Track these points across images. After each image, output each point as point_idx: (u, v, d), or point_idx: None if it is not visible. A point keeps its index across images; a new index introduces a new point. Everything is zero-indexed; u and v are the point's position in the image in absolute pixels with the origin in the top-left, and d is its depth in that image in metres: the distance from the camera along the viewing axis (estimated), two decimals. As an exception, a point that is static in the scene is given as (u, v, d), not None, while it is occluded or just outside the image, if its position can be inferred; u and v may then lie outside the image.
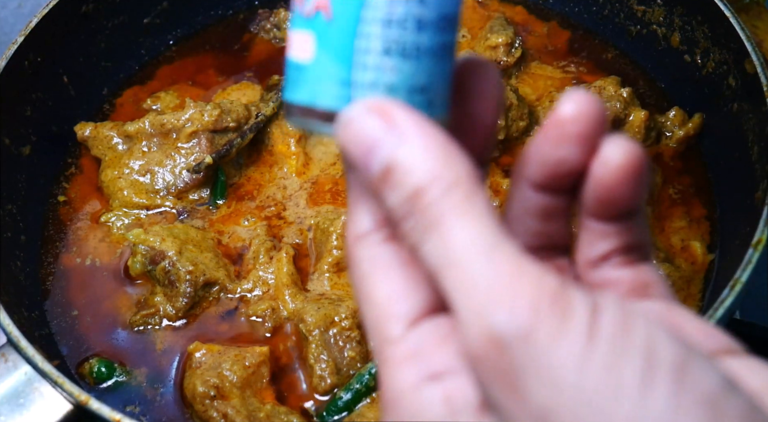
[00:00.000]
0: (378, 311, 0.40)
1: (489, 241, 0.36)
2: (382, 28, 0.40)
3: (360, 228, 0.42)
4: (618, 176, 0.39)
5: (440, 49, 0.41)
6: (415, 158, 0.37)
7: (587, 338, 0.34)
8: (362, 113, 0.39)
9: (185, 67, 1.08)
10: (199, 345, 0.83)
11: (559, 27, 1.10)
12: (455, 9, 0.41)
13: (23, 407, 0.75)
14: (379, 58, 0.40)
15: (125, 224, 0.93)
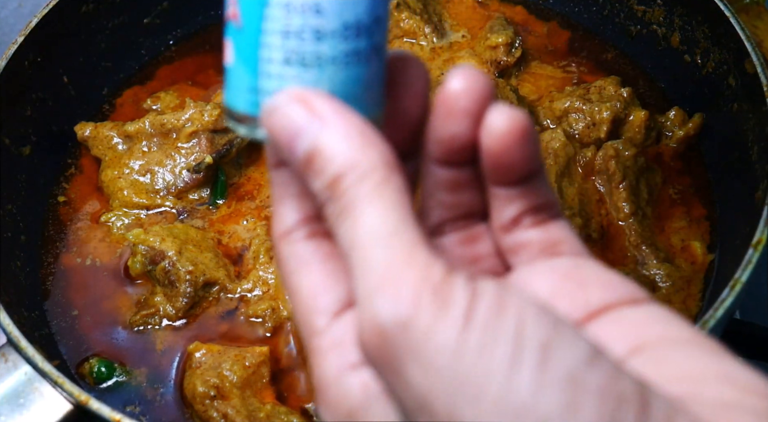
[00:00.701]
0: (304, 305, 0.42)
1: (390, 227, 0.37)
2: (282, 38, 0.41)
3: (284, 225, 0.43)
4: (504, 143, 0.41)
5: (347, 56, 0.41)
6: (335, 145, 0.39)
7: (462, 324, 0.35)
8: (286, 101, 0.40)
9: (185, 67, 1.08)
10: (199, 345, 0.83)
11: (559, 27, 1.10)
12: (363, 17, 0.41)
13: (23, 407, 0.75)
14: (281, 67, 0.41)
15: (125, 224, 0.93)
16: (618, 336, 0.39)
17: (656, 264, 0.87)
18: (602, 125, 0.95)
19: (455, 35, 1.09)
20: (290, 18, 0.40)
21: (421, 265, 0.36)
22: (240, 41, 0.42)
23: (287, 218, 0.43)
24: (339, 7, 0.41)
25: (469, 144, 0.42)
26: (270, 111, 0.41)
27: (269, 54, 0.41)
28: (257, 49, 0.41)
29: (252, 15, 0.41)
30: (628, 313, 0.40)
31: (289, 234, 0.43)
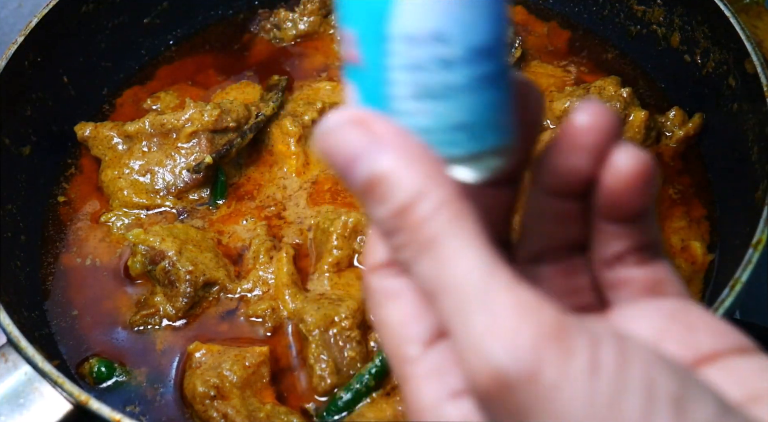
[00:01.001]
0: (394, 335, 0.40)
1: (484, 268, 0.36)
2: (407, 73, 0.39)
3: (375, 259, 0.42)
4: (627, 184, 0.40)
5: (477, 81, 0.39)
6: (401, 171, 0.37)
7: (590, 375, 0.34)
8: (342, 123, 0.38)
9: (185, 67, 1.08)
10: (199, 345, 0.83)
11: (559, 27, 1.10)
12: (489, 37, 0.39)
13: (23, 407, 0.75)
14: (410, 103, 0.39)
15: (125, 224, 0.93)
16: (731, 386, 0.38)
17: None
18: (602, 125, 0.94)
19: (455, 35, 1.09)
20: (414, 50, 0.38)
21: (532, 308, 0.35)
22: (363, 82, 0.40)
23: (380, 250, 0.42)
24: (462, 32, 0.39)
25: (586, 179, 0.41)
26: (325, 132, 0.39)
27: (396, 91, 0.39)
28: (383, 87, 0.39)
29: (373, 53, 0.39)
30: (739, 362, 0.39)
31: (379, 269, 0.42)
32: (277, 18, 1.10)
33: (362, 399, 0.80)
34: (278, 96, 1.00)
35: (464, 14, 0.39)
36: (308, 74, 1.06)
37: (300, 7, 1.09)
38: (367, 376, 0.80)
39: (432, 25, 0.38)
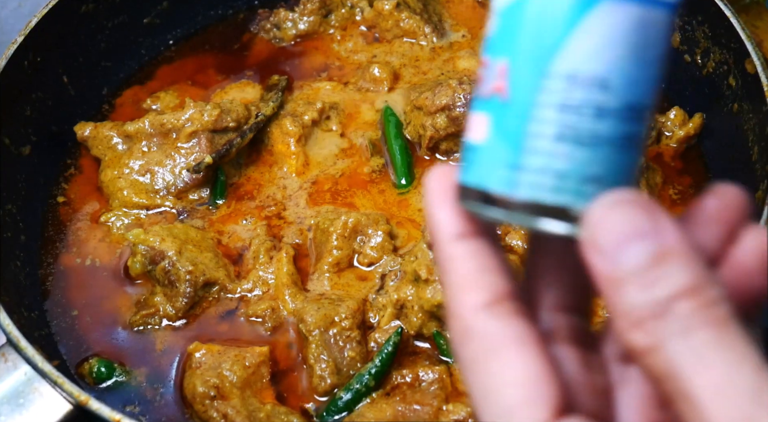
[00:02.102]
0: (515, 391, 0.37)
1: (753, 379, 0.35)
2: (557, 113, 0.38)
3: (478, 300, 0.39)
4: (758, 264, 0.39)
5: (622, 139, 0.38)
6: (679, 262, 0.36)
7: None
8: (627, 201, 0.37)
9: (185, 67, 1.08)
10: (199, 345, 0.83)
11: (559, 27, 1.09)
12: (646, 99, 0.39)
13: (23, 407, 0.75)
14: (551, 143, 0.38)
15: (125, 224, 0.93)
16: None
17: None
18: (602, 125, 0.94)
19: (455, 35, 1.09)
20: (572, 91, 0.38)
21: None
22: (502, 115, 0.39)
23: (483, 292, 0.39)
24: (628, 86, 0.38)
25: (715, 258, 0.40)
26: (608, 204, 0.37)
27: (539, 129, 0.38)
28: (525, 123, 0.38)
29: (526, 87, 0.38)
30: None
31: (492, 306, 0.39)
32: (277, 18, 1.10)
33: (362, 399, 0.80)
34: (278, 96, 1.00)
35: (632, 68, 0.38)
36: (308, 74, 1.06)
37: (300, 7, 1.09)
38: (367, 376, 0.80)
39: (600, 70, 0.38)
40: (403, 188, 0.95)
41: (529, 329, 0.38)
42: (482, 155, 0.40)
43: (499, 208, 0.39)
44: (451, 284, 0.40)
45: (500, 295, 0.39)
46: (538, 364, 0.38)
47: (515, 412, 0.37)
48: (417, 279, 0.81)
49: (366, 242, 0.88)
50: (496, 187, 0.39)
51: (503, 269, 0.40)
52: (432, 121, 0.93)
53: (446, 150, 0.96)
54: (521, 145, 0.38)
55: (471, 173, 0.40)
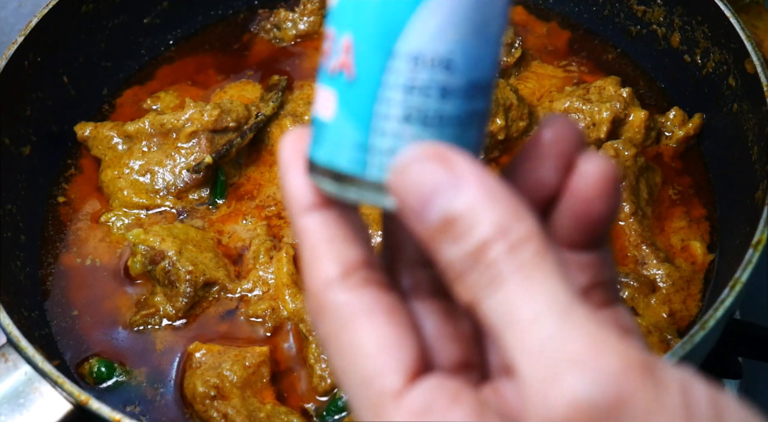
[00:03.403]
0: (369, 361, 0.37)
1: (561, 303, 0.34)
2: (404, 94, 0.38)
3: (329, 272, 0.39)
4: (595, 188, 0.39)
5: (467, 117, 0.39)
6: (481, 209, 0.36)
7: (685, 415, 0.33)
8: (420, 158, 0.37)
9: (185, 67, 1.08)
10: (199, 345, 0.83)
11: (559, 27, 1.10)
12: (488, 75, 0.39)
13: (23, 407, 0.75)
14: (399, 124, 0.38)
15: (125, 224, 0.93)
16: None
17: (656, 264, 0.87)
18: (602, 125, 0.94)
19: (455, 35, 1.09)
20: (417, 72, 0.37)
21: (617, 344, 0.34)
22: (349, 94, 0.39)
23: (330, 266, 0.39)
24: (470, 64, 0.38)
25: (552, 192, 0.40)
26: (401, 168, 0.37)
27: (387, 110, 0.38)
28: (372, 103, 0.38)
29: (371, 66, 0.38)
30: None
31: (340, 281, 0.38)
32: (277, 18, 1.10)
33: (362, 399, 0.80)
34: (278, 96, 1.00)
35: (474, 47, 0.38)
36: (308, 74, 1.06)
37: (300, 7, 1.09)
38: (367, 376, 0.80)
39: (443, 51, 0.37)
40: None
41: (380, 297, 0.38)
42: (330, 132, 0.40)
43: (348, 186, 0.39)
44: (304, 258, 0.40)
45: (351, 266, 0.39)
46: (388, 332, 0.37)
47: (370, 384, 0.37)
48: (417, 279, 0.81)
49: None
50: (345, 167, 0.39)
51: (358, 237, 0.40)
52: (432, 121, 0.93)
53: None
54: (369, 125, 0.38)
55: (320, 150, 0.40)
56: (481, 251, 0.35)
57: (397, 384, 0.37)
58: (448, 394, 0.37)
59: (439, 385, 0.37)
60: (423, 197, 0.36)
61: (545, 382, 0.34)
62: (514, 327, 0.34)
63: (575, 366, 0.33)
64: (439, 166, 0.37)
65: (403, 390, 0.37)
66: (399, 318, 0.38)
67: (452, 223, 0.36)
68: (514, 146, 0.97)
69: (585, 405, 0.33)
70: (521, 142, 0.96)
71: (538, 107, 0.99)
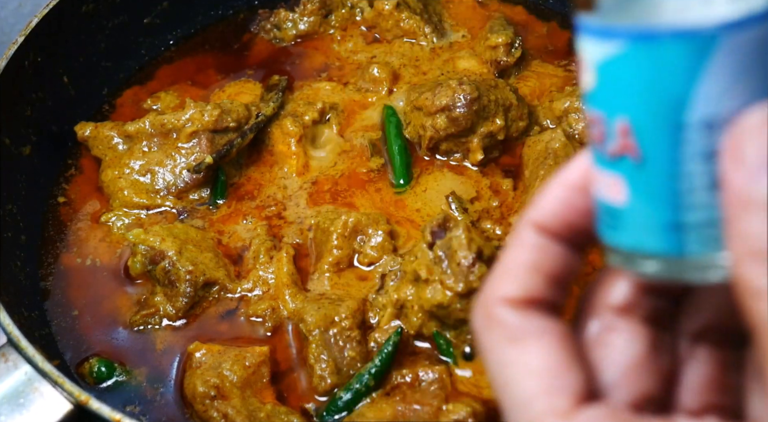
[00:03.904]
0: (534, 381, 0.37)
1: None
2: (704, 163, 0.35)
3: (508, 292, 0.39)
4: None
5: None
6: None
7: None
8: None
9: (185, 67, 1.08)
10: (199, 345, 0.83)
11: (559, 27, 1.10)
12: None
13: (23, 407, 0.75)
14: (707, 194, 0.36)
15: (125, 224, 0.93)
16: None
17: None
18: (602, 125, 0.94)
19: (455, 35, 1.09)
20: (713, 136, 0.35)
21: None
22: (641, 176, 0.37)
23: (517, 287, 0.39)
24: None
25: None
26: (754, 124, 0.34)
27: (690, 183, 0.36)
28: (672, 180, 0.36)
29: (660, 145, 0.36)
30: None
31: (515, 303, 0.39)
32: (277, 18, 1.10)
33: (362, 399, 0.80)
34: (278, 96, 1.00)
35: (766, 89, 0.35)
36: (308, 74, 1.06)
37: (300, 7, 1.09)
38: (367, 376, 0.80)
39: (736, 105, 0.35)
40: (400, 187, 0.95)
41: (553, 324, 0.38)
42: (630, 217, 0.38)
43: (665, 266, 0.37)
44: (500, 262, 0.40)
45: (532, 296, 0.39)
46: (557, 355, 0.37)
47: (532, 403, 0.37)
48: (417, 279, 0.81)
49: (366, 241, 0.88)
50: (659, 248, 0.37)
51: (554, 274, 0.39)
52: (432, 121, 0.93)
53: (446, 150, 0.96)
54: (674, 203, 0.36)
55: (620, 235, 0.38)
56: None
57: (564, 405, 0.36)
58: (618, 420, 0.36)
59: (611, 414, 0.36)
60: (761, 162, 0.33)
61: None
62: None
63: None
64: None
65: (570, 412, 0.36)
66: (568, 344, 0.38)
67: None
68: (514, 146, 0.97)
69: None
70: (521, 142, 0.96)
71: (538, 107, 0.99)
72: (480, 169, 0.96)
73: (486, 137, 0.94)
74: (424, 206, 0.93)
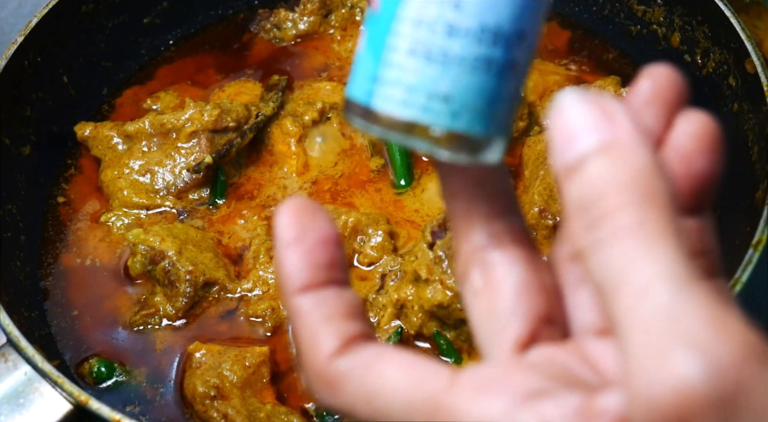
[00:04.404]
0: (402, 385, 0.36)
1: (681, 273, 0.31)
2: (412, 27, 0.39)
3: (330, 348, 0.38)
4: (697, 145, 0.37)
5: (476, 60, 0.38)
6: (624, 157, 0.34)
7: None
8: (581, 100, 0.36)
9: (185, 67, 1.08)
10: (199, 345, 0.83)
11: (559, 27, 1.10)
12: (504, 24, 0.38)
13: (23, 407, 0.75)
14: (404, 57, 0.39)
15: (125, 224, 0.93)
16: None
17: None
18: (602, 125, 0.94)
19: (455, 35, 1.09)
20: (427, 6, 0.38)
21: (733, 325, 0.30)
22: (373, 27, 0.40)
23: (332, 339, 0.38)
24: (480, 7, 0.38)
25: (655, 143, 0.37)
26: (560, 105, 0.37)
27: (396, 41, 0.39)
28: (386, 35, 0.39)
29: (390, 1, 0.39)
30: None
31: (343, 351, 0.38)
32: (277, 18, 1.10)
33: (362, 399, 0.80)
34: (278, 96, 1.00)
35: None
36: (308, 74, 1.06)
37: (300, 7, 1.09)
38: (367, 376, 0.80)
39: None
40: (402, 188, 0.95)
41: (381, 345, 0.38)
42: (357, 67, 0.41)
43: (357, 116, 0.41)
44: (301, 338, 0.39)
45: (350, 338, 0.38)
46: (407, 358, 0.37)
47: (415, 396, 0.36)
48: (417, 279, 0.81)
49: (366, 241, 0.88)
50: (356, 96, 0.41)
51: (353, 314, 0.39)
52: (432, 121, 0.93)
53: (446, 150, 0.95)
54: (381, 57, 0.39)
55: (349, 86, 0.41)
56: (601, 198, 0.33)
57: (442, 381, 0.36)
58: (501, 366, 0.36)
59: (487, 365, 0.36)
60: (567, 136, 0.35)
61: (652, 359, 0.30)
62: (625, 290, 0.32)
63: (689, 345, 0.30)
64: (597, 111, 0.35)
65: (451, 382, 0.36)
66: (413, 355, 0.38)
67: (583, 163, 0.34)
68: (514, 146, 0.97)
69: (696, 393, 0.29)
70: (521, 142, 0.96)
71: (539, 107, 0.99)
72: (480, 169, 0.95)
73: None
74: (422, 206, 0.93)
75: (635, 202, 0.33)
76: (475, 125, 0.39)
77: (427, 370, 0.36)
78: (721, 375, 0.29)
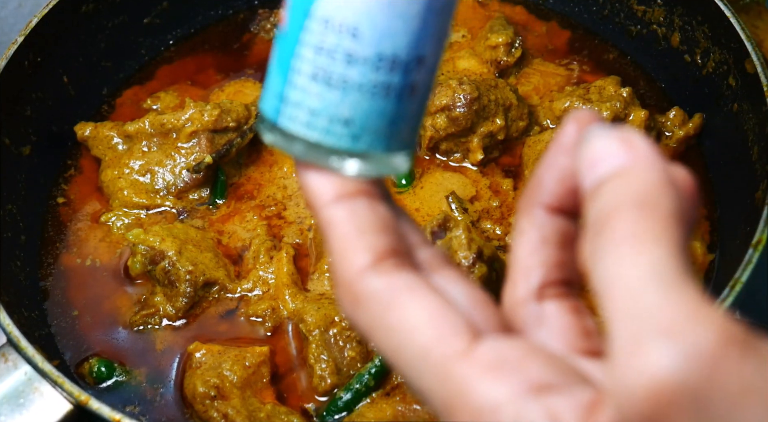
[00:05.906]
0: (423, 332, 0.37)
1: (668, 275, 0.32)
2: (314, 53, 0.40)
3: (361, 263, 0.39)
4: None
5: (375, 87, 0.40)
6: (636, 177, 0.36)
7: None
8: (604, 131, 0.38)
9: (185, 67, 1.08)
10: (199, 345, 0.83)
11: (559, 27, 1.10)
12: (401, 52, 0.40)
13: (23, 407, 0.75)
14: (306, 81, 0.40)
15: (125, 224, 0.93)
16: None
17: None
18: (602, 125, 0.94)
19: (455, 35, 1.09)
20: (326, 35, 0.40)
21: (713, 313, 0.31)
22: (280, 46, 0.41)
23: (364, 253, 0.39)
24: (377, 37, 0.39)
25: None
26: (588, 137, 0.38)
27: (299, 65, 0.40)
28: (290, 57, 0.41)
29: (295, 23, 0.40)
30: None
31: (373, 268, 0.38)
32: (277, 18, 1.10)
33: (362, 399, 0.80)
34: (278, 96, 1.00)
35: (384, 21, 0.39)
36: (308, 74, 1.06)
37: (300, 7, 1.09)
38: (367, 376, 0.80)
39: (350, 19, 0.39)
40: (402, 187, 0.95)
41: (415, 278, 0.38)
42: (267, 81, 0.42)
43: (265, 128, 0.42)
44: (333, 250, 0.40)
45: (382, 253, 0.39)
46: (435, 303, 0.37)
47: (430, 352, 0.37)
48: (417, 279, 0.81)
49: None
50: (265, 110, 0.42)
51: (386, 226, 0.40)
52: (432, 121, 0.93)
53: (446, 150, 0.96)
54: (286, 78, 0.41)
55: (261, 98, 0.43)
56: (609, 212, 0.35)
57: (461, 344, 0.36)
58: (521, 349, 0.37)
59: (507, 341, 0.37)
60: (594, 160, 0.37)
61: (631, 349, 0.31)
62: (615, 292, 0.33)
63: (666, 335, 0.30)
64: (621, 143, 0.37)
65: (469, 348, 0.36)
66: (439, 292, 0.38)
67: (608, 181, 0.36)
68: (514, 146, 0.97)
69: (670, 382, 0.30)
70: (521, 142, 0.96)
71: (539, 107, 0.99)
72: (480, 169, 0.96)
73: (486, 136, 0.94)
74: (423, 205, 0.93)
75: (635, 212, 0.34)
76: (377, 145, 0.41)
77: (450, 326, 0.37)
78: (698, 360, 0.30)
